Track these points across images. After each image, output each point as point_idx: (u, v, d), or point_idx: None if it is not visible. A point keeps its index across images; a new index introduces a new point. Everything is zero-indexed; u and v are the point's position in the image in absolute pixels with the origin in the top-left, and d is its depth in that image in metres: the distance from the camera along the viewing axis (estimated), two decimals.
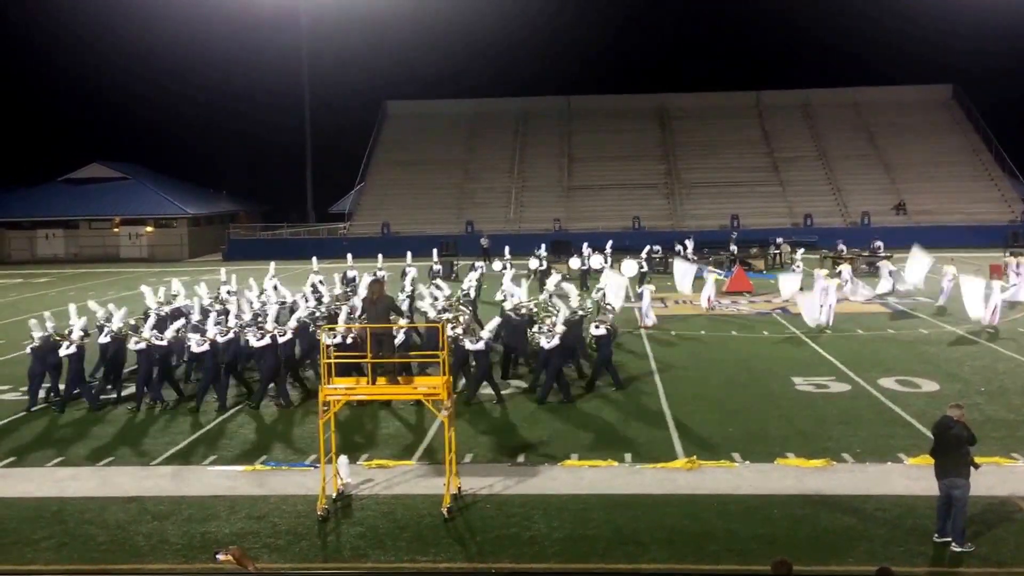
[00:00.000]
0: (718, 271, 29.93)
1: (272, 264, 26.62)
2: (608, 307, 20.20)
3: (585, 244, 35.09)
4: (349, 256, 29.92)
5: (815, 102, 63.24)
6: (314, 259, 28.37)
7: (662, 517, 10.93)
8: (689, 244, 37.34)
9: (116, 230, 58.25)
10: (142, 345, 16.56)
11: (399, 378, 12.65)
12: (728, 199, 53.81)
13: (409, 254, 29.18)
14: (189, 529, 10.91)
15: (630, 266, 29.87)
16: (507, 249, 34.01)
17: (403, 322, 15.34)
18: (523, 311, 19.07)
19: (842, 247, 37.20)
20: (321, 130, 65.54)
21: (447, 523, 10.84)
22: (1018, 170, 55.45)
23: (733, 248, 37.97)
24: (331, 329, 16.64)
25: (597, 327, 17.86)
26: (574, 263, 32.73)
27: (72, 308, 18.35)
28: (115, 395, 17.40)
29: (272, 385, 16.62)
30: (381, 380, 12.43)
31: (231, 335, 16.83)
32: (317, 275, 25.51)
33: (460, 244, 35.04)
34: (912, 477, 11.93)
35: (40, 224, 58.15)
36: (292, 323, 17.49)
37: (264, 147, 72.89)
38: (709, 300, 26.54)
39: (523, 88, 68.42)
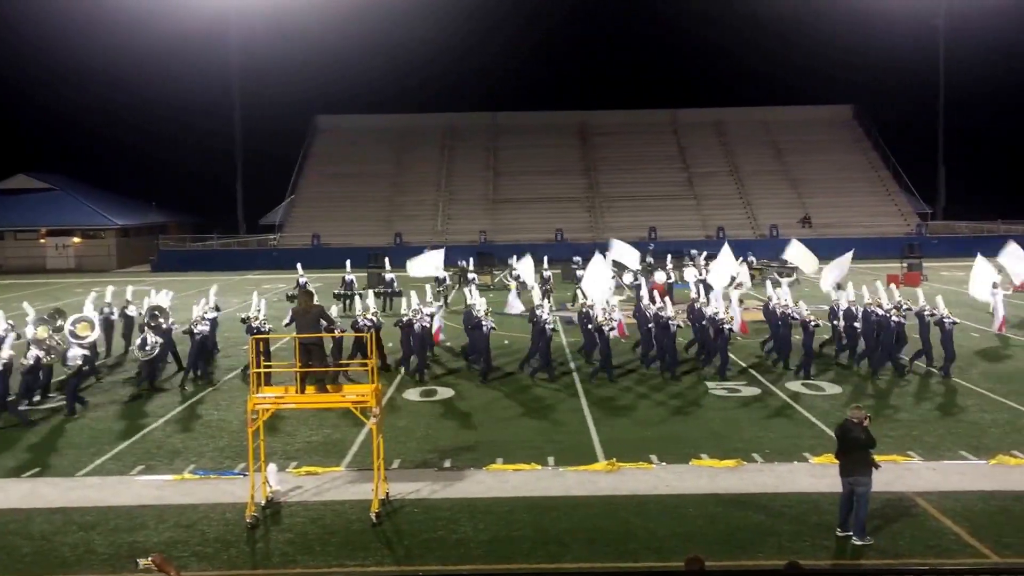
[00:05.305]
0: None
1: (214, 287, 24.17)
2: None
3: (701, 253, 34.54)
4: (299, 265, 31.86)
5: (727, 120, 65.57)
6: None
7: (584, 518, 11.35)
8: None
9: (42, 241, 56.77)
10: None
11: (328, 387, 12.83)
12: (646, 212, 55.29)
13: (348, 262, 31.60)
14: (116, 539, 10.85)
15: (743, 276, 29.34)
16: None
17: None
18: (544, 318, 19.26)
19: (751, 258, 38.68)
20: (252, 143, 64.99)
21: (375, 528, 11.04)
22: (913, 186, 58.86)
23: (649, 259, 39.03)
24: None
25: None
26: (627, 278, 31.33)
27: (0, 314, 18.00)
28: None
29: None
30: (310, 389, 12.57)
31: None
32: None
33: (392, 256, 35.20)
34: (816, 475, 12.66)
35: None
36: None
37: (195, 159, 71.37)
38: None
39: (450, 104, 69.19)
